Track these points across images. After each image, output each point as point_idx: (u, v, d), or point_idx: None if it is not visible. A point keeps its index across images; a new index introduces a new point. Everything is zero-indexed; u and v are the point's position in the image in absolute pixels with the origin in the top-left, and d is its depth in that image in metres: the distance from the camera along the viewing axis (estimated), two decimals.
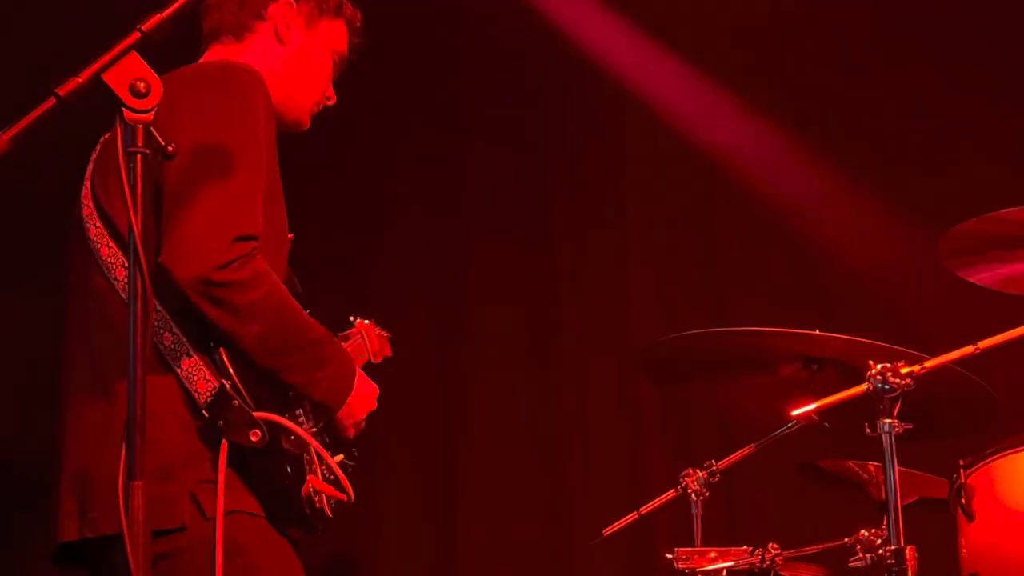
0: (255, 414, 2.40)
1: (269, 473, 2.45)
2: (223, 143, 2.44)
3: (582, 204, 5.17)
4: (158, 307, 2.40)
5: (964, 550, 3.12)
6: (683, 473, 3.40)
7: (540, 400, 5.10)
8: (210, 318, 2.38)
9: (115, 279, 2.48)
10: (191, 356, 2.41)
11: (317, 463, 2.50)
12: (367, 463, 4.95)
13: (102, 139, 2.64)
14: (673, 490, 3.43)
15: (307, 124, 2.83)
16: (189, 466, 2.40)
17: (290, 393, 2.50)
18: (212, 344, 2.42)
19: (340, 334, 2.88)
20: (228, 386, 2.39)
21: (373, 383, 2.68)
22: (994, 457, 3.10)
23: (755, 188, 4.98)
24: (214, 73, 2.55)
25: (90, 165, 2.62)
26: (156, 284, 2.34)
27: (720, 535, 3.96)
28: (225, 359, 2.42)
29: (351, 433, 2.61)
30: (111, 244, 2.50)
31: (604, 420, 5.02)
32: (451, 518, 5.08)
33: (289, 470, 2.46)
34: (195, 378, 2.41)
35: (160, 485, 2.32)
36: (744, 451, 3.44)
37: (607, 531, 3.50)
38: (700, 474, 3.39)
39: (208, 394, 2.40)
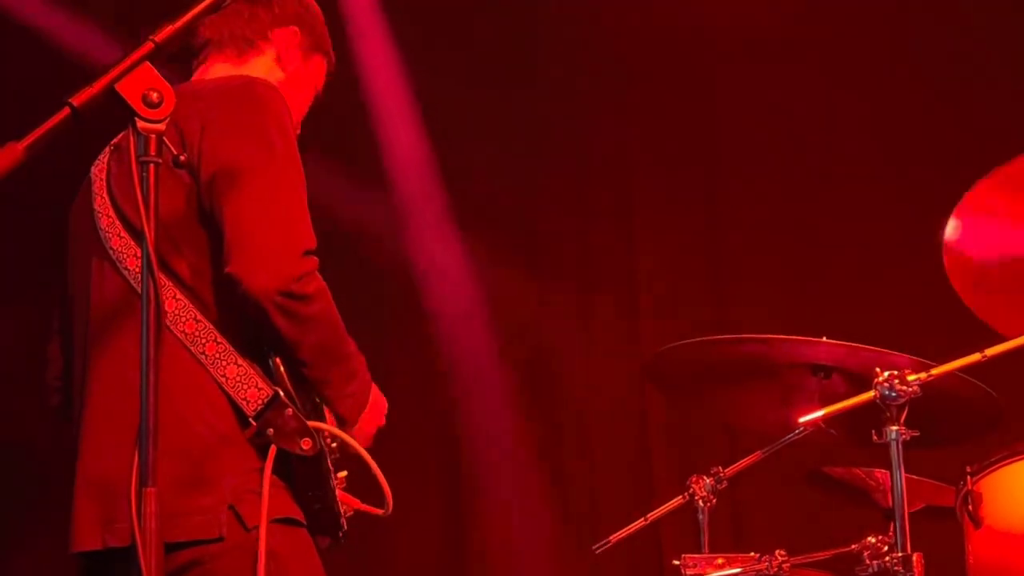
0: (309, 423, 2.43)
1: (312, 482, 2.48)
2: (273, 156, 2.48)
3: (590, 213, 5.19)
4: (199, 317, 2.44)
5: (971, 557, 3.13)
6: (690, 480, 3.41)
7: (549, 408, 5.12)
8: (277, 327, 2.41)
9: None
10: (239, 365, 2.43)
11: (333, 475, 2.52)
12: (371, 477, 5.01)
13: (109, 147, 2.65)
14: (680, 497, 3.43)
15: (298, 130, 2.81)
16: (228, 476, 2.41)
17: (321, 406, 2.54)
18: (267, 353, 2.46)
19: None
20: (283, 394, 2.42)
21: (384, 398, 2.70)
22: (1001, 464, 3.11)
23: (762, 197, 5.00)
24: (245, 90, 2.56)
25: (100, 174, 2.62)
26: (200, 294, 2.44)
27: (727, 542, 3.97)
28: (281, 367, 2.45)
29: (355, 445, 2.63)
30: (139, 255, 2.46)
31: (612, 428, 5.03)
32: (459, 524, 5.10)
33: (325, 479, 2.49)
34: (244, 386, 2.43)
35: (196, 496, 2.35)
36: (751, 458, 3.45)
37: (614, 537, 3.50)
38: (707, 481, 3.39)
39: (260, 402, 2.42)
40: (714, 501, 3.41)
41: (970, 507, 3.11)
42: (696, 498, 3.39)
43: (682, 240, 5.11)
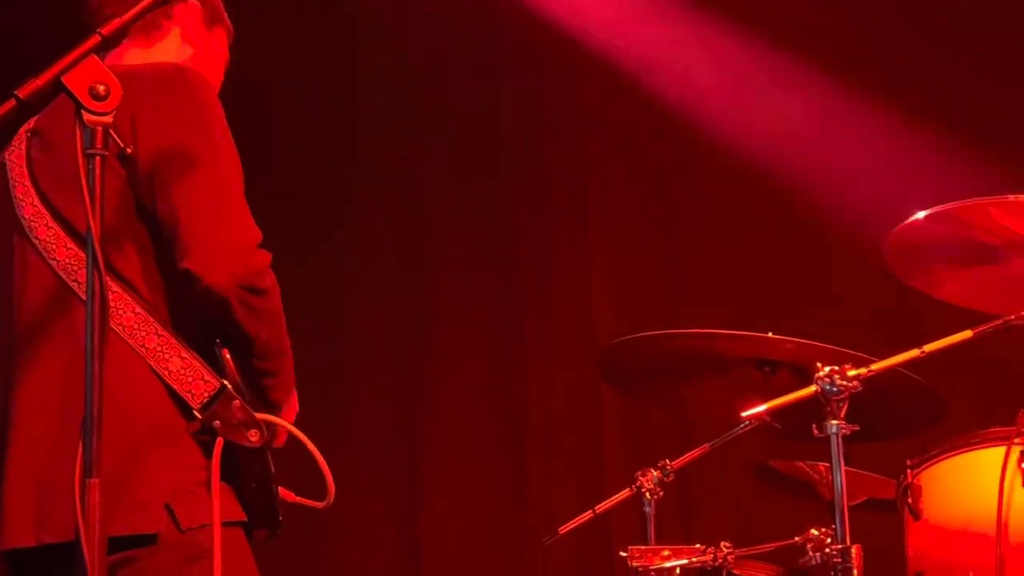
0: (257, 415, 2.41)
1: (257, 474, 2.46)
2: (215, 149, 2.45)
3: (545, 210, 5.22)
4: (137, 310, 2.40)
5: (911, 549, 3.18)
6: (638, 473, 3.45)
7: (502, 402, 5.15)
8: (238, 321, 2.39)
9: (76, 281, 2.45)
10: (183, 358, 2.40)
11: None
12: (333, 464, 5.04)
13: (24, 132, 2.57)
14: (628, 489, 3.47)
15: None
16: (166, 473, 2.37)
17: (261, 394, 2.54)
18: (213, 345, 2.43)
19: None
20: (231, 386, 2.40)
21: (295, 402, 2.69)
22: (940, 457, 3.15)
23: (715, 196, 5.05)
24: (177, 79, 2.51)
25: (18, 161, 2.55)
26: (139, 287, 2.40)
27: (675, 534, 4.02)
28: (229, 360, 2.43)
29: (282, 443, 2.64)
30: (71, 245, 2.47)
31: (564, 421, 5.07)
32: (414, 517, 5.12)
33: (269, 471, 2.47)
34: (189, 379, 2.40)
35: (132, 492, 2.32)
36: (698, 451, 3.49)
37: (563, 529, 3.54)
38: (654, 473, 3.43)
39: (206, 394, 2.39)
40: (661, 494, 3.45)
41: (910, 500, 3.16)
42: (643, 491, 3.43)
43: (637, 237, 5.15)
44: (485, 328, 5.19)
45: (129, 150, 2.15)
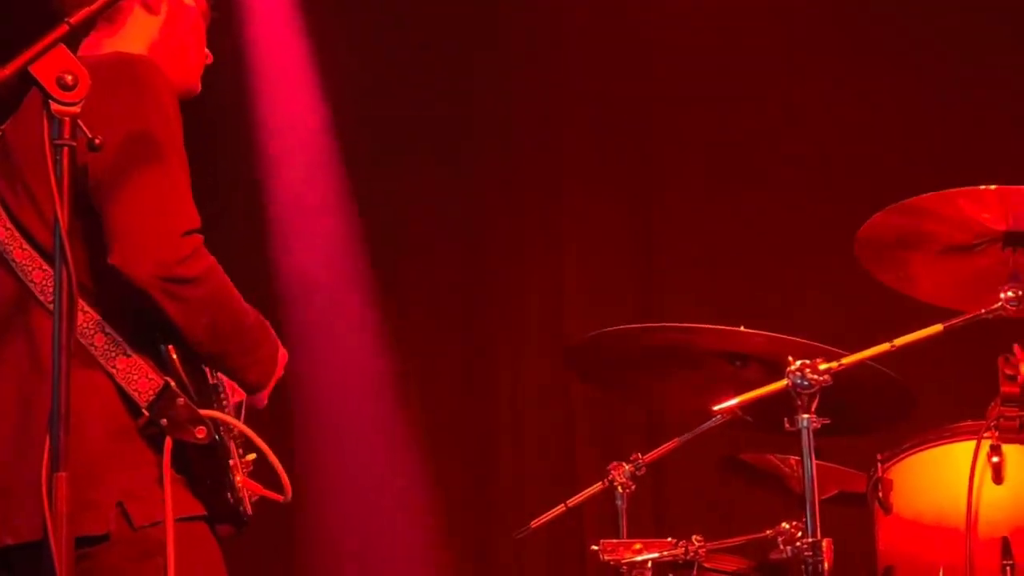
0: (201, 411, 2.40)
1: (210, 471, 2.45)
2: (150, 140, 2.42)
3: (516, 204, 5.21)
4: (86, 308, 2.39)
5: (881, 543, 3.18)
6: (609, 466, 3.44)
7: (472, 396, 5.14)
8: (167, 314, 2.37)
9: (31, 281, 2.44)
10: (129, 355, 2.40)
11: (237, 459, 2.51)
12: (301, 456, 5.03)
13: None
14: (600, 483, 3.47)
15: (199, 88, 2.76)
16: (118, 472, 2.37)
17: (220, 386, 2.52)
18: (158, 341, 2.42)
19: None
20: (174, 384, 2.39)
21: (284, 350, 2.68)
22: (910, 451, 3.16)
23: (688, 189, 5.06)
24: (119, 69, 2.48)
25: None
26: (86, 284, 2.37)
27: (648, 527, 4.02)
28: (173, 356, 2.42)
29: (264, 403, 2.63)
30: (25, 246, 2.45)
31: (535, 415, 5.07)
32: (381, 506, 5.11)
33: (223, 467, 2.46)
34: (135, 377, 2.39)
35: (84, 491, 2.29)
36: (669, 445, 3.49)
37: (535, 523, 3.53)
38: (626, 467, 3.43)
39: (151, 392, 2.38)
40: (633, 487, 3.44)
41: (880, 494, 3.17)
42: (615, 484, 3.43)
43: (609, 230, 5.15)
44: (455, 321, 5.18)
45: (98, 140, 2.13)
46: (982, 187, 2.98)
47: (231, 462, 2.47)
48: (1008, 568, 2.95)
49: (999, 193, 2.97)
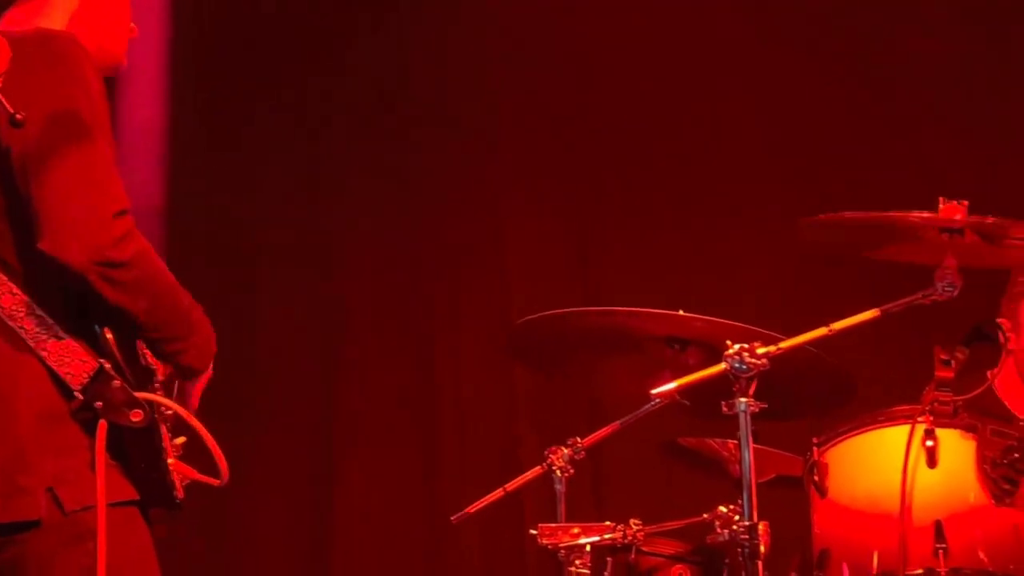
0: (137, 394, 2.37)
1: (145, 454, 2.42)
2: (74, 119, 2.38)
3: (458, 185, 5.20)
4: (15, 290, 2.35)
5: (816, 527, 3.20)
6: (548, 450, 3.44)
7: (413, 380, 5.13)
8: (103, 297, 2.34)
9: None
10: (61, 338, 2.36)
11: (168, 443, 2.48)
12: (243, 441, 5.00)
13: None
14: (539, 467, 3.46)
15: (125, 62, 2.72)
16: (49, 457, 2.34)
17: (154, 370, 2.49)
18: (93, 324, 2.38)
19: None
20: (109, 366, 2.36)
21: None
22: (846, 435, 3.18)
23: (630, 175, 5.07)
24: (41, 46, 2.44)
25: None
26: (13, 266, 2.34)
27: (588, 512, 4.02)
28: (109, 338, 2.39)
29: (197, 398, 2.60)
30: None
31: (476, 399, 5.07)
32: (327, 495, 5.09)
33: (158, 450, 2.44)
34: (68, 360, 2.36)
35: (14, 477, 2.28)
36: (608, 429, 3.49)
37: (472, 508, 3.52)
38: (565, 451, 3.43)
39: (85, 375, 2.35)
40: (572, 471, 3.44)
41: (816, 477, 3.19)
42: (553, 468, 3.42)
43: (551, 214, 5.16)
44: (396, 305, 5.17)
45: (19, 116, 2.09)
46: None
47: (164, 445, 2.44)
48: (941, 552, 2.97)
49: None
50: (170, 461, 2.46)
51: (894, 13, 4.85)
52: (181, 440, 2.53)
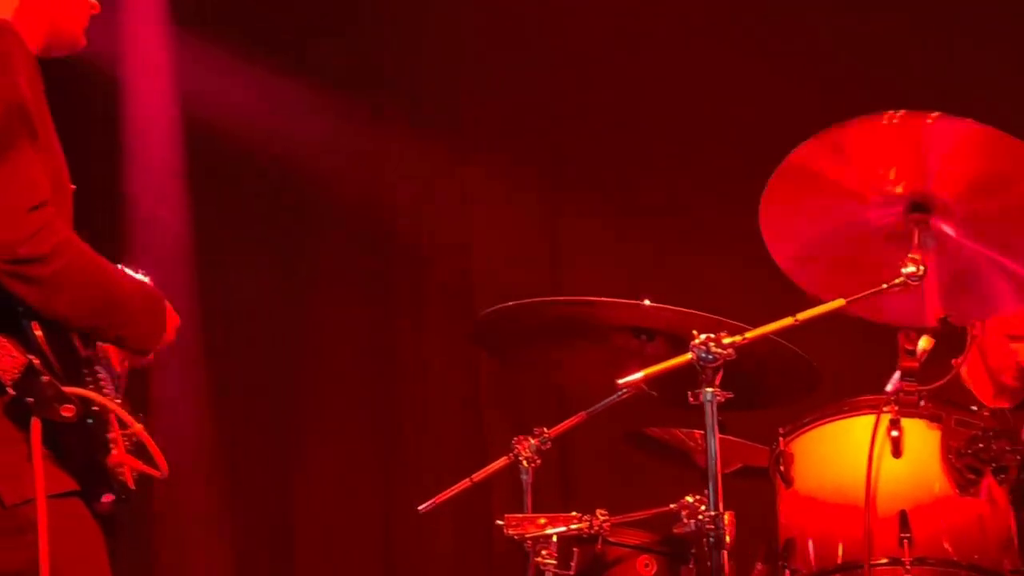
0: (65, 389, 2.36)
1: (81, 447, 2.41)
2: None
3: (424, 177, 5.19)
4: None
5: (782, 516, 3.21)
6: (515, 440, 3.43)
7: (379, 370, 5.12)
8: (20, 295, 2.32)
9: None
10: None
11: (118, 432, 2.46)
12: (213, 429, 4.97)
13: None
14: (506, 457, 3.46)
15: (83, 41, 2.67)
16: None
17: (94, 359, 2.46)
18: (21, 320, 2.36)
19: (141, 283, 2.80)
20: (38, 362, 2.35)
21: (176, 315, 2.63)
22: (811, 425, 3.19)
23: (596, 166, 5.07)
24: None
25: None
26: None
27: (555, 502, 4.02)
28: (38, 334, 2.36)
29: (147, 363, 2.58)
30: None
31: (443, 389, 5.06)
32: (291, 484, 5.08)
33: (96, 442, 2.42)
34: None
35: None
36: (574, 419, 3.49)
37: (439, 498, 3.51)
38: (531, 441, 3.42)
39: (15, 371, 2.34)
40: (539, 461, 3.44)
41: (782, 467, 3.19)
42: (520, 458, 3.42)
43: (517, 204, 5.15)
44: (362, 294, 5.15)
45: None
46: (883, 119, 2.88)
47: (110, 435, 2.42)
48: (905, 541, 2.98)
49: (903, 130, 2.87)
50: (115, 452, 2.43)
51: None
52: (138, 428, 2.51)
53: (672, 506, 3.25)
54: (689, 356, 2.88)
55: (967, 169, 2.86)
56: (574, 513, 3.31)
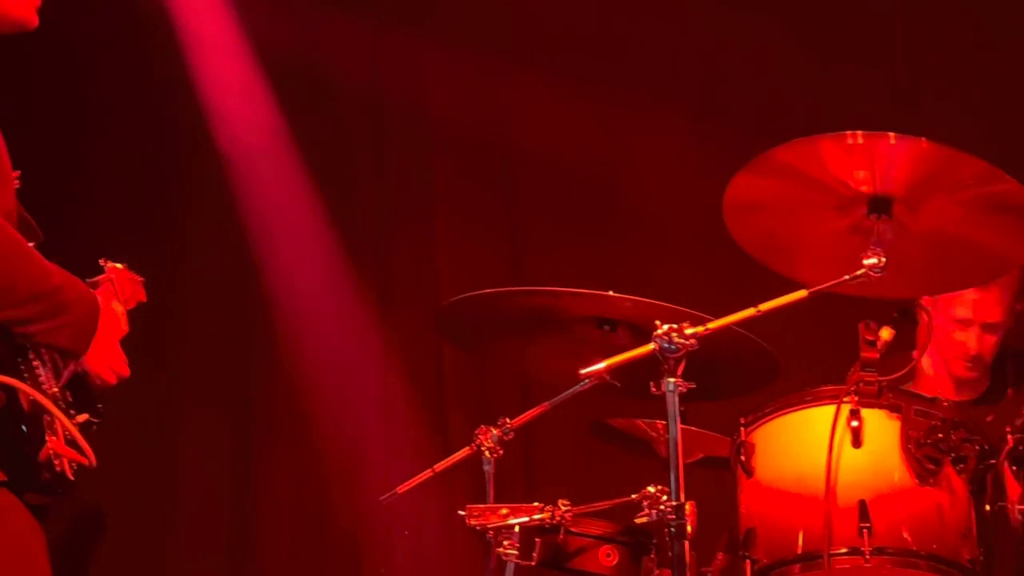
0: None
1: (7, 437, 2.37)
2: None
3: (388, 169, 5.18)
4: None
5: (743, 506, 3.22)
6: (477, 431, 3.43)
7: (342, 358, 5.10)
8: None
9: None
10: None
11: (59, 424, 2.42)
12: (165, 420, 4.95)
13: None
14: (468, 448, 3.46)
15: (35, 21, 2.63)
16: None
17: (28, 348, 2.43)
18: None
19: (88, 280, 2.79)
20: None
21: (122, 326, 2.60)
22: (772, 415, 3.20)
23: (555, 152, 5.06)
24: None
25: None
26: None
27: (519, 492, 4.02)
28: None
29: (107, 377, 2.54)
30: None
31: (406, 379, 5.05)
32: (251, 475, 5.06)
33: (27, 433, 2.39)
34: None
35: None
36: (537, 409, 3.48)
37: (401, 488, 3.51)
38: (494, 432, 3.42)
39: None
40: (501, 452, 3.44)
41: (743, 457, 3.20)
42: (483, 449, 3.42)
43: (479, 193, 5.14)
44: (325, 283, 5.13)
45: None
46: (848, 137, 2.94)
47: (45, 427, 2.39)
48: (865, 531, 3.00)
49: (865, 146, 2.94)
50: (51, 442, 2.40)
51: None
52: (83, 417, 2.48)
53: (634, 496, 3.24)
54: (652, 346, 2.88)
55: (919, 173, 2.93)
56: (536, 503, 3.30)
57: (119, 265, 2.93)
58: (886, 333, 3.13)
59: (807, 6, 4.91)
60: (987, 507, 3.10)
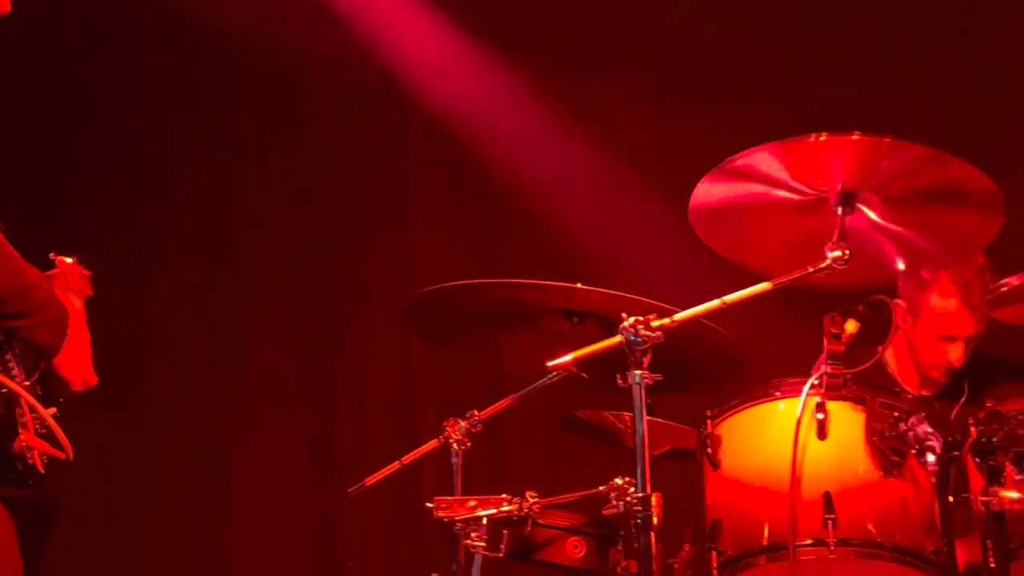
0: None
1: None
2: None
3: (362, 164, 5.18)
4: None
5: (709, 498, 3.23)
6: (445, 423, 3.43)
7: (311, 352, 5.10)
8: None
9: None
10: None
11: (29, 417, 2.41)
12: (138, 413, 4.93)
13: None
14: (436, 440, 3.46)
15: (7, 7, 2.63)
16: None
17: (3, 344, 2.42)
18: None
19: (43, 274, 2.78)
20: None
21: (87, 331, 2.60)
22: (738, 408, 3.21)
23: (529, 147, 5.07)
24: None
25: None
26: None
27: (487, 484, 4.03)
28: None
29: (75, 383, 2.54)
30: None
31: (376, 372, 5.05)
32: (222, 467, 5.05)
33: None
34: None
35: None
36: (505, 402, 3.49)
37: (369, 480, 3.51)
38: (462, 424, 3.42)
39: None
40: (469, 444, 3.44)
41: (709, 450, 3.21)
42: (450, 441, 3.42)
43: (454, 187, 5.14)
44: (297, 279, 5.13)
45: None
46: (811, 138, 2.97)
47: (17, 419, 2.37)
48: (830, 522, 3.01)
49: (828, 144, 2.96)
50: (22, 436, 2.39)
51: None
52: (52, 410, 2.47)
53: (601, 488, 3.27)
54: (619, 339, 2.89)
55: (885, 170, 2.95)
56: (504, 495, 3.31)
57: (68, 259, 2.92)
58: (851, 326, 3.14)
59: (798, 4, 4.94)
60: (950, 498, 3.12)
